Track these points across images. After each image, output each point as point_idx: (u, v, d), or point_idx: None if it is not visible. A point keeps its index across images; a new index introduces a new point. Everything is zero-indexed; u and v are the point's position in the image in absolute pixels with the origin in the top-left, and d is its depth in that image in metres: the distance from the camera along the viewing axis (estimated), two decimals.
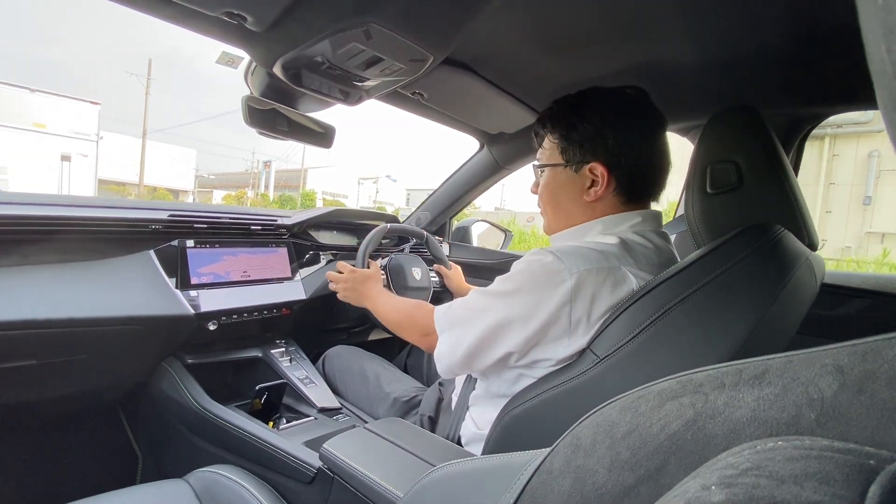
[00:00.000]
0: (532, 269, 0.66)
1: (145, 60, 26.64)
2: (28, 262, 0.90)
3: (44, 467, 1.10)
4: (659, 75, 0.91)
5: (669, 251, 0.74)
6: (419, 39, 0.70)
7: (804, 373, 0.22)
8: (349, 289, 1.09)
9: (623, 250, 0.67)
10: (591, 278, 0.63)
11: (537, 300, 0.64)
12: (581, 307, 0.62)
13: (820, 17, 0.67)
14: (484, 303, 0.69)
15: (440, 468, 0.49)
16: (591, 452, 0.29)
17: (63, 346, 0.89)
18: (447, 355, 0.72)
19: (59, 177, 8.81)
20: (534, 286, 0.64)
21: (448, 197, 1.65)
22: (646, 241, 0.71)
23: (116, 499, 0.72)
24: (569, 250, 0.66)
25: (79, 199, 1.08)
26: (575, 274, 0.62)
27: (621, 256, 0.66)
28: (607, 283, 0.63)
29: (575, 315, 0.63)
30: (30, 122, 8.65)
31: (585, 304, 0.63)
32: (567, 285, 0.62)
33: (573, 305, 0.62)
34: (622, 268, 0.65)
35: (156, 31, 61.00)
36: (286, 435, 0.95)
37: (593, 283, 0.63)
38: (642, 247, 0.70)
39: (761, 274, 0.56)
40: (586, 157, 0.72)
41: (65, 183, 8.88)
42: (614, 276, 0.64)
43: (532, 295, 0.64)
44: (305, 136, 1.04)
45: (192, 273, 1.08)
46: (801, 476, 0.17)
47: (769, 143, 0.66)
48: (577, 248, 0.66)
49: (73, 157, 9.00)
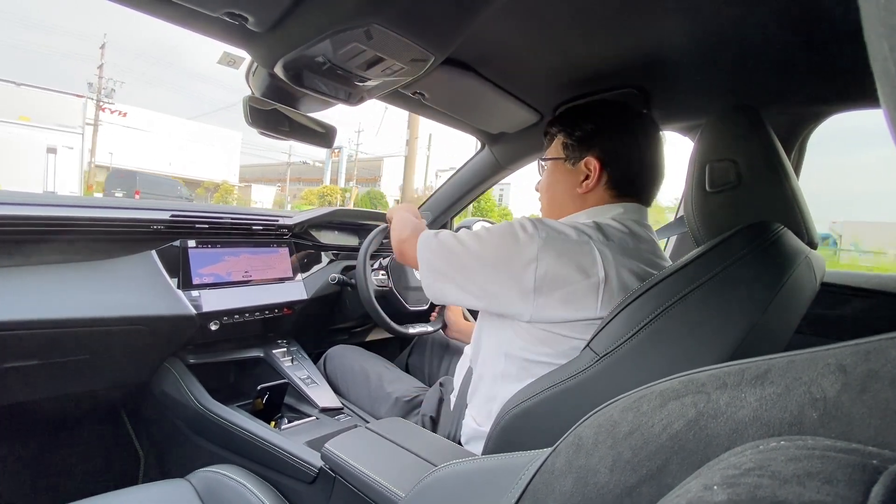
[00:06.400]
0: (512, 227, 0.71)
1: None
2: (30, 262, 0.91)
3: (47, 467, 1.10)
4: (659, 74, 0.91)
5: (648, 237, 0.77)
6: (420, 40, 0.70)
7: (807, 372, 0.22)
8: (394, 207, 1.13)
9: (595, 230, 0.71)
10: (559, 242, 0.68)
11: (506, 252, 0.69)
12: (545, 265, 0.66)
13: (822, 15, 0.67)
14: (464, 240, 0.74)
15: (442, 468, 0.49)
16: (592, 452, 0.29)
17: (65, 347, 0.89)
18: (423, 274, 0.78)
19: (44, 169, 8.82)
20: (507, 240, 0.70)
21: (449, 197, 1.65)
22: (621, 227, 0.74)
23: (119, 498, 0.72)
24: (545, 220, 0.72)
25: (81, 199, 1.09)
26: (543, 237, 0.68)
27: (592, 234, 0.70)
28: (573, 249, 0.67)
29: (539, 272, 0.66)
30: (15, 115, 8.69)
31: (550, 262, 0.66)
32: (535, 244, 0.67)
33: (538, 263, 0.66)
34: (590, 242, 0.69)
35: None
36: (288, 435, 0.96)
37: (559, 246, 0.67)
38: (617, 231, 0.73)
39: (760, 272, 0.56)
40: (583, 153, 0.79)
41: (50, 175, 8.88)
42: (580, 247, 0.68)
43: (501, 247, 0.69)
44: (307, 137, 1.04)
45: (193, 273, 1.08)
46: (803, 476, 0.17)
47: (769, 142, 0.66)
48: (553, 221, 0.72)
49: (59, 149, 9.00)
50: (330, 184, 23.93)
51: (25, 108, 8.74)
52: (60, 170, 9.02)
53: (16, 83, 9.27)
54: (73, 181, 9.23)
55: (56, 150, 8.98)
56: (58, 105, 9.30)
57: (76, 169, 9.29)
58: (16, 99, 8.74)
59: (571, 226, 0.71)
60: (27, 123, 8.78)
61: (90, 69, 17.52)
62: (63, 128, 9.11)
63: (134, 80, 33.23)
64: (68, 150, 9.15)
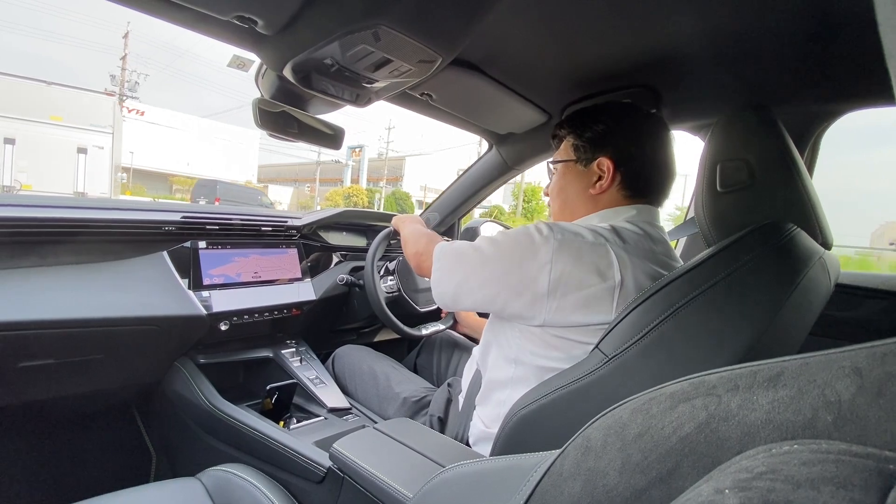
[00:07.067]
0: (528, 230, 0.71)
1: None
2: (46, 263, 0.92)
3: (61, 465, 1.12)
4: (669, 73, 0.90)
5: (662, 238, 0.77)
6: (428, 41, 0.70)
7: (821, 375, 0.22)
8: (400, 217, 1.14)
9: (611, 233, 0.71)
10: (575, 244, 0.67)
11: (521, 254, 0.68)
12: (560, 267, 0.65)
13: (835, 11, 0.66)
14: (481, 246, 0.74)
15: (449, 469, 0.49)
16: (601, 454, 0.29)
17: (80, 346, 0.90)
18: (438, 283, 0.78)
19: (74, 169, 8.87)
20: (523, 243, 0.69)
21: (457, 198, 1.65)
22: (636, 229, 0.74)
23: (131, 496, 0.73)
24: (561, 223, 0.71)
25: (94, 200, 1.11)
26: (559, 238, 0.67)
27: (608, 237, 0.70)
28: (589, 252, 0.67)
29: (554, 274, 0.65)
30: (46, 115, 8.73)
31: (566, 264, 0.66)
32: (550, 246, 0.67)
33: (553, 265, 0.65)
34: (606, 245, 0.68)
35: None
36: (297, 434, 0.96)
37: (575, 248, 0.67)
38: (632, 233, 0.73)
39: (773, 272, 0.55)
40: (595, 153, 0.79)
41: (80, 175, 8.93)
42: (596, 250, 0.67)
43: (517, 249, 0.69)
44: (315, 138, 1.05)
45: (204, 274, 1.10)
46: (817, 480, 0.17)
47: (781, 141, 0.65)
48: (569, 224, 0.72)
49: (89, 149, 9.03)
50: (351, 184, 23.28)
51: (56, 108, 8.81)
52: (91, 170, 9.06)
53: (46, 82, 9.37)
54: (103, 181, 9.24)
55: (86, 150, 9.02)
56: (87, 103, 9.36)
57: (106, 169, 9.29)
58: (46, 98, 8.83)
59: (587, 228, 0.70)
60: (59, 123, 8.82)
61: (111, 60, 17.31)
62: (94, 127, 9.13)
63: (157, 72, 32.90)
64: (98, 150, 9.17)
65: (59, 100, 8.98)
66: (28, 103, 8.50)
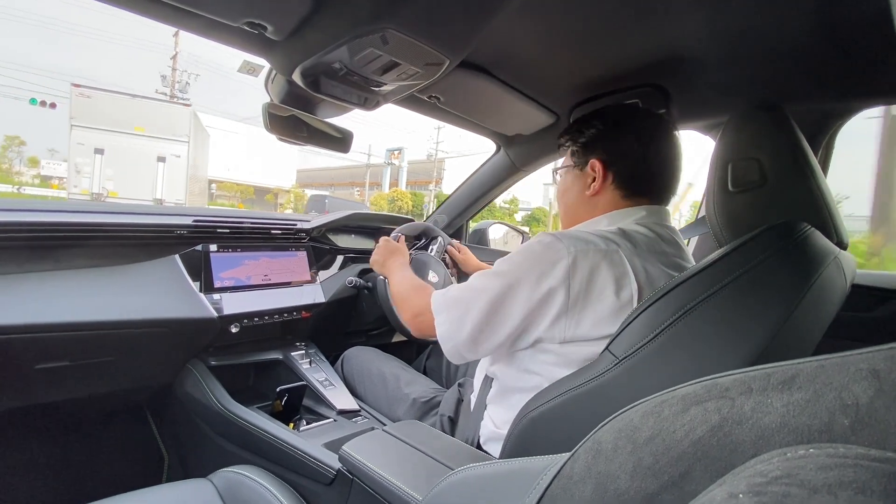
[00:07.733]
0: (532, 248, 0.70)
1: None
2: (61, 266, 0.94)
3: (74, 466, 1.14)
4: (679, 72, 0.89)
5: (673, 239, 0.76)
6: (435, 43, 0.71)
7: (837, 377, 0.22)
8: (377, 256, 1.14)
9: (622, 237, 0.70)
10: (589, 256, 0.66)
11: (537, 275, 0.67)
12: (579, 282, 0.65)
13: (849, 7, 0.65)
14: (485, 282, 0.72)
15: (459, 471, 0.49)
16: (612, 458, 0.28)
17: (94, 348, 0.92)
18: (450, 336, 0.74)
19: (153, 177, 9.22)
20: (533, 263, 0.68)
21: (465, 199, 1.65)
22: (648, 231, 0.73)
23: (143, 497, 0.74)
24: (568, 233, 0.70)
25: (108, 205, 1.13)
26: (573, 252, 0.66)
27: (620, 242, 0.69)
28: (605, 262, 0.66)
29: (573, 290, 0.65)
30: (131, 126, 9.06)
31: (583, 279, 0.65)
32: (565, 262, 0.65)
33: (571, 281, 0.65)
34: (619, 251, 0.67)
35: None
36: (306, 436, 0.97)
37: (591, 260, 0.66)
38: (643, 236, 0.72)
39: (787, 273, 0.54)
40: (588, 156, 0.80)
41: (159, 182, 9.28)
42: (611, 258, 0.66)
43: (531, 271, 0.67)
44: (324, 142, 1.06)
45: (215, 277, 1.11)
46: (835, 485, 0.16)
47: (794, 140, 0.64)
48: (577, 232, 0.71)
49: (168, 157, 9.35)
50: (391, 188, 22.66)
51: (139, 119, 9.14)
52: (169, 177, 9.39)
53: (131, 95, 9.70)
54: (179, 189, 9.56)
55: (165, 159, 9.36)
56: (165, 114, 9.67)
57: (182, 177, 9.60)
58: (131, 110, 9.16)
59: (597, 234, 0.69)
60: (142, 134, 9.17)
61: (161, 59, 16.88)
62: (173, 136, 9.45)
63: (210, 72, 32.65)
64: (175, 159, 9.49)
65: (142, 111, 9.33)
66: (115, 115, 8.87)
